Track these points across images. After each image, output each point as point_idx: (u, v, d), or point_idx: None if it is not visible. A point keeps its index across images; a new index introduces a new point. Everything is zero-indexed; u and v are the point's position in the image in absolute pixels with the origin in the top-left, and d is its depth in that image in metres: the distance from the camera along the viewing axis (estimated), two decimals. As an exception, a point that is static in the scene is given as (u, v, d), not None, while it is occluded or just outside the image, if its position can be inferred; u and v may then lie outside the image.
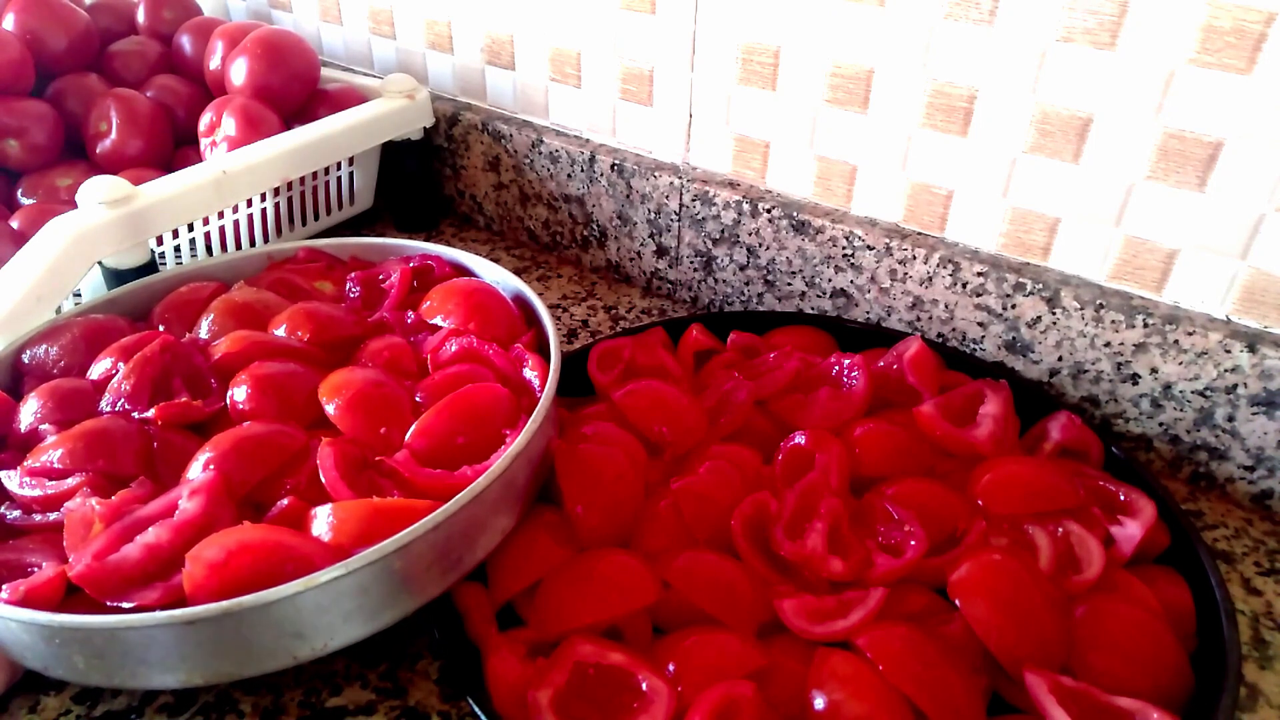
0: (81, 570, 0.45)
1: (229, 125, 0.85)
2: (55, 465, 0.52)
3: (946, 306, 0.72)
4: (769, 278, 0.80)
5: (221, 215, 0.80)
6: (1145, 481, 0.59)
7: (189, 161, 0.86)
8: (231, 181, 0.78)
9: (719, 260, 0.82)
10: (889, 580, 0.53)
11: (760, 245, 0.79)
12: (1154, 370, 0.65)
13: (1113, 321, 0.65)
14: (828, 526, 0.55)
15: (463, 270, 0.72)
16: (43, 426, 0.56)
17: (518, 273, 0.88)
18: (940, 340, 0.73)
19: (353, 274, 0.71)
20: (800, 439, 0.61)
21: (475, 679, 0.50)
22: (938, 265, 0.71)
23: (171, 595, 0.45)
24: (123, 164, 0.88)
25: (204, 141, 0.88)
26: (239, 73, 0.88)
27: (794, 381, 0.67)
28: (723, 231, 0.81)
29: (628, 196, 0.85)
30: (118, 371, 0.58)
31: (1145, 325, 0.64)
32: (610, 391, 0.64)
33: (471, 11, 0.91)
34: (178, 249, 0.78)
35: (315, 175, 0.88)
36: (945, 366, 0.69)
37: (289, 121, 0.89)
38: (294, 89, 0.90)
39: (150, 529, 0.47)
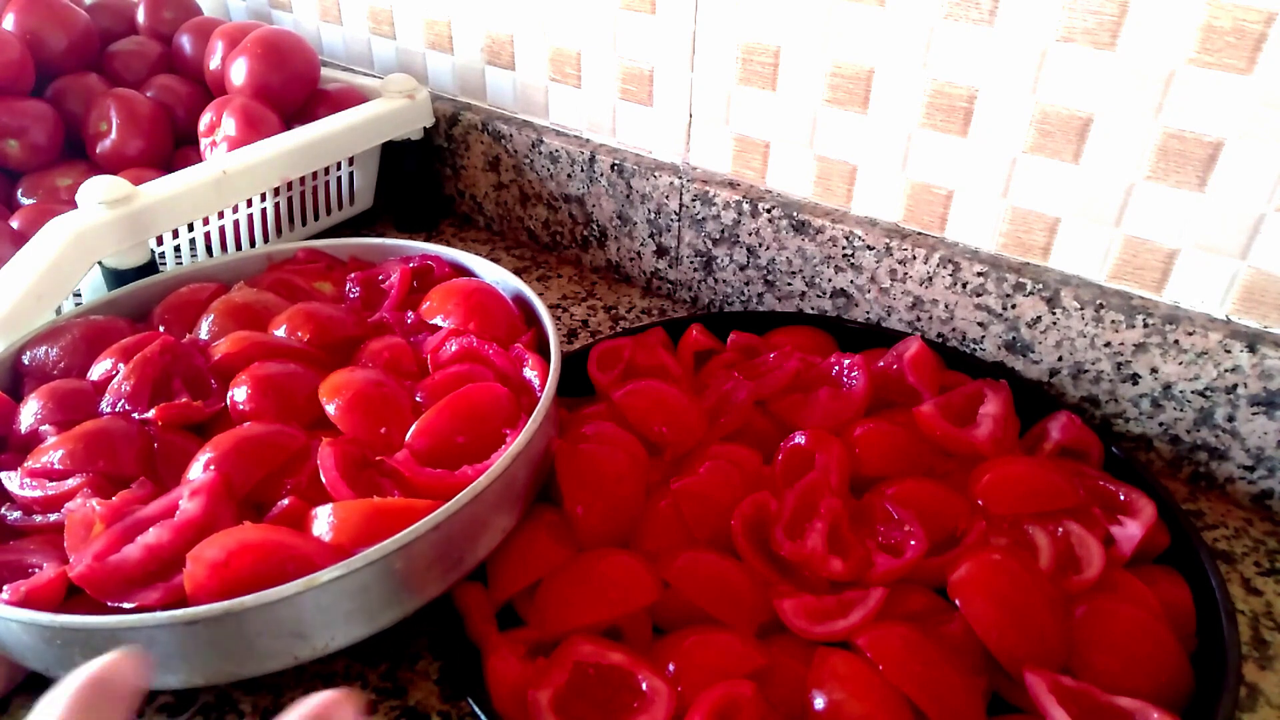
0: (82, 571, 0.45)
1: (229, 125, 0.85)
2: (56, 466, 0.52)
3: (946, 306, 0.72)
4: (769, 278, 0.80)
5: (221, 215, 0.80)
6: (1145, 481, 0.59)
7: (189, 161, 0.86)
8: (231, 181, 0.78)
9: (719, 260, 0.82)
10: (889, 580, 0.53)
11: (760, 245, 0.79)
12: (1154, 370, 0.65)
13: (1113, 321, 0.65)
14: (828, 526, 0.55)
15: (463, 270, 0.72)
16: (43, 427, 0.56)
17: (518, 273, 0.88)
18: (940, 340, 0.73)
19: (352, 274, 0.71)
20: (800, 439, 0.61)
21: (475, 679, 0.50)
22: (938, 265, 0.71)
23: (172, 595, 0.45)
24: (123, 164, 0.88)
25: (204, 141, 0.88)
26: (239, 73, 0.88)
27: (794, 381, 0.67)
28: (723, 231, 0.81)
29: (628, 196, 0.85)
30: (118, 372, 0.58)
31: (1145, 325, 0.64)
32: (610, 391, 0.64)
33: (471, 11, 0.91)
34: (178, 249, 0.78)
35: (315, 175, 0.88)
36: (945, 366, 0.69)
37: (289, 121, 0.89)
38: (294, 89, 0.90)
39: (151, 529, 0.47)
